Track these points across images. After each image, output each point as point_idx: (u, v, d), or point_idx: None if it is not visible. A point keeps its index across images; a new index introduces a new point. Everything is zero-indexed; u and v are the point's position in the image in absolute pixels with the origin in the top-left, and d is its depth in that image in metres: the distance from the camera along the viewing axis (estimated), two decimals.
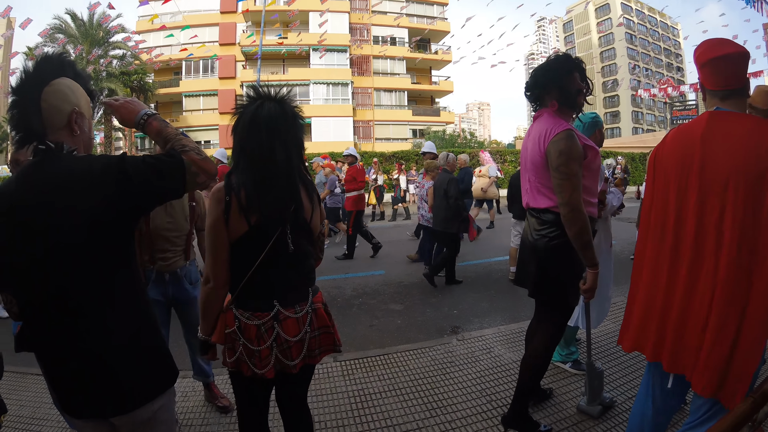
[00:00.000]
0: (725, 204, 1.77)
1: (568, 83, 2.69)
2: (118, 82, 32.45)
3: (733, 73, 1.89)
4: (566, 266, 2.70)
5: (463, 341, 4.57)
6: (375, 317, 5.74)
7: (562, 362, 3.95)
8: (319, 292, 2.13)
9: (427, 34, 41.91)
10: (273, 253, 1.91)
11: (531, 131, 2.80)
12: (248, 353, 1.91)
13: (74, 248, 1.44)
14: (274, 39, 34.12)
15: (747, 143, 1.74)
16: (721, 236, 1.77)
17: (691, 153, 1.91)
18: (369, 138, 39.68)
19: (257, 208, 1.87)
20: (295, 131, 1.97)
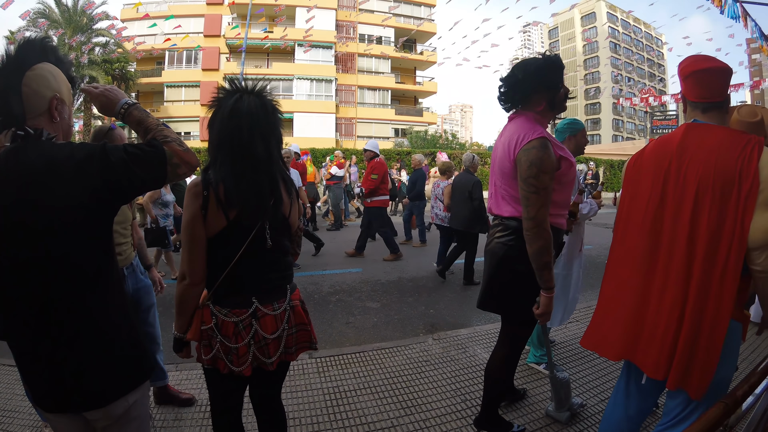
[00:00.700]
0: (697, 212, 1.83)
1: (561, 84, 2.56)
2: (99, 70, 31.85)
3: (715, 86, 1.94)
4: (529, 276, 2.47)
5: (438, 340, 4.58)
6: (351, 314, 5.73)
7: (536, 363, 3.98)
8: (297, 289, 2.12)
9: (413, 35, 41.94)
10: (252, 249, 1.89)
11: (504, 133, 2.61)
12: (225, 350, 1.88)
13: (53, 239, 1.41)
14: (260, 33, 33.88)
15: (717, 154, 1.80)
16: (693, 244, 1.84)
17: (667, 163, 1.96)
18: (351, 135, 39.63)
19: (236, 203, 1.84)
20: (274, 125, 1.96)
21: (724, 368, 1.86)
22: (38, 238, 1.40)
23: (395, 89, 42.64)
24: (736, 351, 1.95)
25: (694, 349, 1.81)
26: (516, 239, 2.51)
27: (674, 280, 1.88)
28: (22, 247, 1.40)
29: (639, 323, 2.00)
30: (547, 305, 2.45)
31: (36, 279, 1.42)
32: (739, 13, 8.52)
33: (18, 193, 1.38)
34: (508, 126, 2.60)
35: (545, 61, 2.52)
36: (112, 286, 1.58)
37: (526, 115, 2.54)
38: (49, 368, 1.46)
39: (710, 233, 1.79)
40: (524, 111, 2.56)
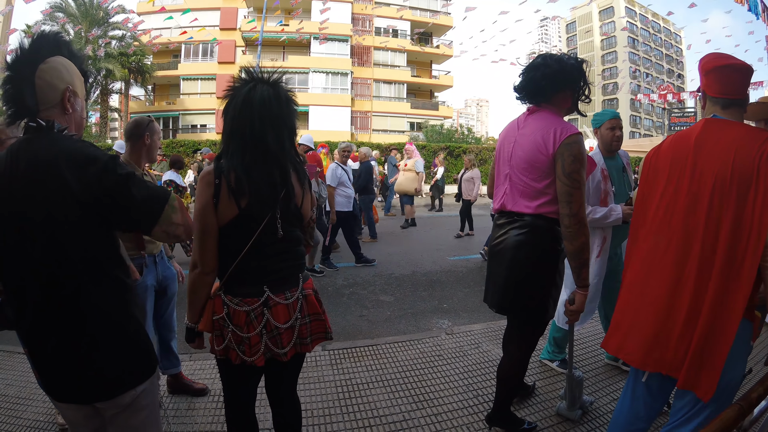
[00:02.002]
0: (714, 209, 1.82)
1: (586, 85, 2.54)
2: (116, 63, 32.18)
3: (736, 83, 1.93)
4: (549, 276, 2.50)
5: (451, 335, 4.58)
6: (365, 307, 5.75)
7: (549, 360, 3.96)
8: (310, 279, 2.10)
9: (429, 28, 41.70)
10: (263, 239, 1.89)
11: (525, 126, 2.54)
12: (237, 340, 1.88)
13: (54, 231, 1.43)
14: (276, 26, 33.88)
15: (735, 150, 1.79)
16: (710, 241, 1.82)
17: (684, 157, 1.95)
18: (366, 129, 39.56)
19: (247, 192, 1.84)
20: (287, 115, 1.94)
21: (733, 369, 1.84)
22: (42, 230, 1.43)
23: (411, 83, 42.43)
24: (745, 352, 1.92)
25: (706, 349, 1.79)
26: (534, 236, 2.46)
27: (691, 278, 1.86)
28: (27, 238, 1.43)
29: (658, 323, 1.95)
30: (582, 302, 2.43)
31: (41, 271, 1.45)
32: (760, 9, 8.38)
33: (26, 185, 1.42)
34: (529, 119, 2.55)
35: (580, 62, 2.51)
36: (117, 281, 1.59)
37: (550, 109, 2.51)
38: (56, 361, 1.49)
39: (728, 230, 1.77)
40: (547, 106, 2.52)
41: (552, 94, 2.50)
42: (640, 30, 76.70)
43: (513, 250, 2.51)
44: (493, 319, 5.07)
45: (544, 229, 2.44)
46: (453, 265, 8.09)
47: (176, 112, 38.47)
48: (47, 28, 29.79)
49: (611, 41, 76.09)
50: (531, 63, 2.56)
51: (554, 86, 2.48)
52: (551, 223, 2.43)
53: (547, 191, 2.41)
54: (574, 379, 3.05)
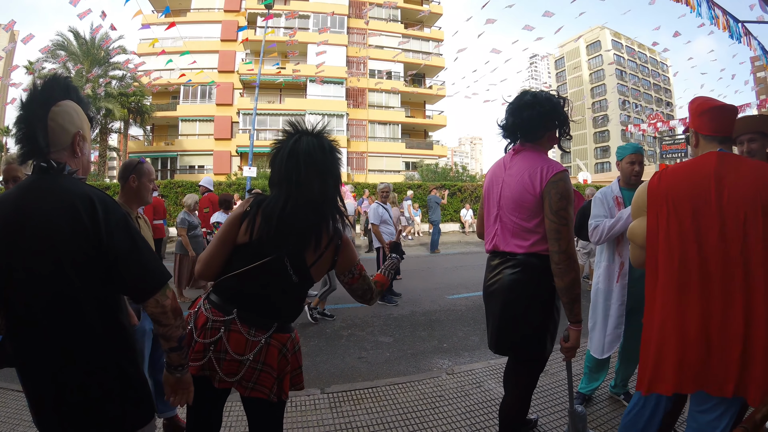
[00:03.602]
0: (747, 233, 1.94)
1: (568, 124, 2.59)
2: (116, 103, 32.61)
3: (727, 122, 2.14)
4: (546, 312, 2.48)
5: (452, 375, 4.52)
6: (364, 349, 5.69)
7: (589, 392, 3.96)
8: (288, 335, 2.05)
9: (422, 69, 42.51)
10: (259, 273, 1.94)
11: (512, 165, 2.55)
12: (189, 340, 1.91)
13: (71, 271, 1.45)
14: (272, 68, 34.51)
15: (756, 179, 1.95)
16: (748, 261, 1.93)
17: (706, 187, 2.04)
18: (362, 169, 39.83)
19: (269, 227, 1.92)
20: (332, 163, 2.03)
21: None
22: (50, 269, 1.44)
23: (405, 123, 42.91)
24: None
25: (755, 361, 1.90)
26: (528, 274, 2.45)
27: (735, 299, 1.95)
28: (35, 277, 1.43)
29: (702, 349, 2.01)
30: (576, 338, 2.42)
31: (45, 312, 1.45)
32: (741, 32, 8.59)
33: (41, 226, 1.43)
34: (516, 159, 2.56)
35: (562, 100, 2.55)
36: (119, 326, 1.61)
37: (536, 148, 2.53)
38: (55, 403, 1.48)
39: (762, 251, 1.90)
40: (532, 145, 2.55)
41: (543, 133, 2.53)
42: (627, 62, 78.66)
43: (507, 289, 2.50)
44: (494, 357, 5.02)
45: (537, 267, 2.43)
46: (452, 304, 8.04)
47: (174, 152, 38.64)
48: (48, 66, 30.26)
49: (599, 74, 78.08)
50: (521, 101, 2.55)
51: (547, 126, 2.52)
52: (544, 261, 2.41)
53: (537, 230, 2.42)
54: (576, 414, 3.00)
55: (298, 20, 38.49)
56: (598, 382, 3.94)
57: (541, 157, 2.47)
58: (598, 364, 3.85)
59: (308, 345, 5.75)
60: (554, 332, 2.54)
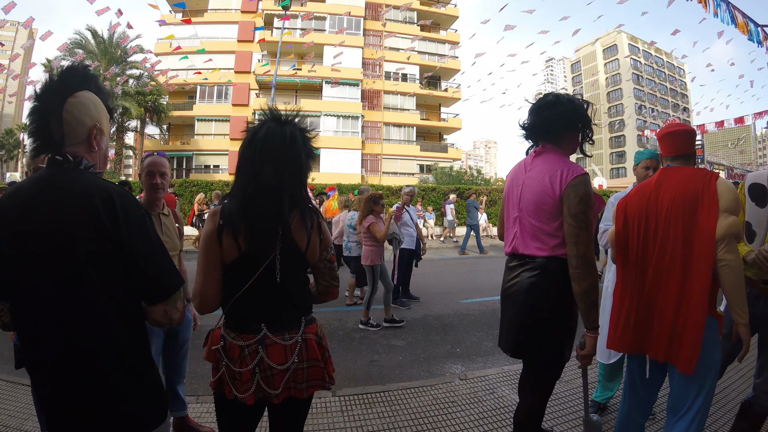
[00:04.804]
0: (677, 228, 2.38)
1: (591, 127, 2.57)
2: (132, 102, 33.03)
3: (679, 144, 2.56)
4: (564, 318, 2.43)
5: (465, 381, 4.47)
6: (376, 352, 5.65)
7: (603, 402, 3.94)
8: (315, 324, 2.06)
9: (437, 72, 42.49)
10: (261, 282, 1.88)
11: (533, 167, 2.53)
12: (230, 374, 1.87)
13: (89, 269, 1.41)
14: (289, 69, 34.67)
15: (685, 182, 2.41)
16: (675, 251, 2.38)
17: (648, 197, 2.52)
18: (376, 171, 39.91)
19: (242, 229, 1.84)
20: (292, 153, 1.91)
21: (710, 353, 2.34)
22: (65, 269, 1.39)
23: (420, 126, 42.97)
24: (716, 342, 2.39)
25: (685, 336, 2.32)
26: (547, 278, 2.41)
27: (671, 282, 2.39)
28: (48, 276, 1.39)
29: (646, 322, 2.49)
30: (593, 345, 2.36)
31: (58, 312, 1.40)
32: (761, 37, 8.49)
33: (56, 220, 1.39)
34: (536, 161, 2.52)
35: (576, 101, 2.52)
36: (138, 326, 1.57)
37: (557, 150, 2.50)
38: (68, 404, 1.44)
39: (686, 239, 2.35)
40: (554, 147, 2.51)
41: (564, 134, 2.50)
42: (644, 66, 78.63)
43: (526, 292, 2.45)
44: (508, 363, 4.97)
45: (556, 271, 2.38)
46: (465, 308, 7.98)
47: (190, 152, 38.97)
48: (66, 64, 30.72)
49: (616, 79, 77.92)
50: (542, 101, 2.54)
51: (568, 126, 2.49)
52: (563, 265, 2.36)
53: (557, 233, 2.38)
54: (592, 423, 2.94)
55: (314, 21, 38.70)
56: (613, 391, 3.89)
57: (562, 159, 2.44)
58: (612, 372, 3.82)
59: None
60: (572, 339, 2.49)
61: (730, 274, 2.23)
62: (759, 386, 2.94)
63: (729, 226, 2.23)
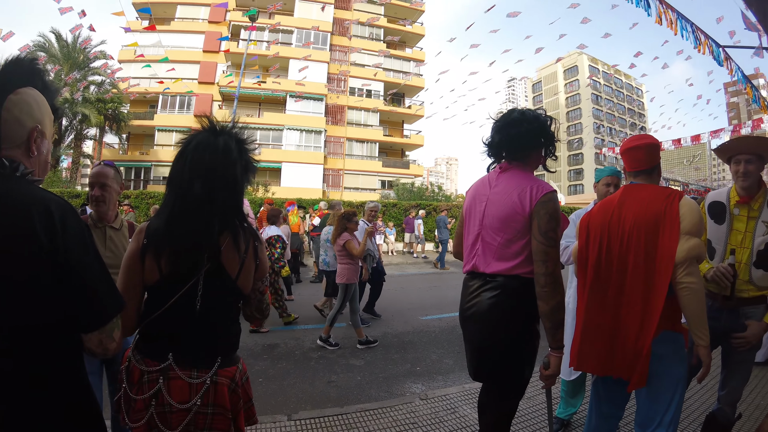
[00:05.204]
0: (639, 248, 2.37)
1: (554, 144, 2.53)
2: (92, 109, 32.01)
3: (640, 159, 2.57)
4: (525, 338, 2.38)
5: (426, 400, 4.38)
6: (334, 372, 5.50)
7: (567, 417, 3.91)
8: (235, 367, 1.84)
9: (402, 89, 42.84)
10: (179, 307, 1.69)
11: (498, 184, 2.47)
12: (126, 399, 1.70)
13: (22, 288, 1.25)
14: (253, 82, 34.37)
15: (648, 202, 2.40)
16: (637, 271, 2.37)
17: (610, 215, 2.51)
18: (338, 187, 39.79)
19: (166, 248, 1.69)
20: (225, 166, 1.76)
21: (676, 368, 2.37)
22: None
23: (383, 142, 43.15)
24: (682, 357, 2.42)
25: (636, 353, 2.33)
26: (508, 297, 2.34)
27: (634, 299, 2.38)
28: None
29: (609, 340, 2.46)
30: (557, 365, 2.32)
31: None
32: (722, 57, 8.81)
33: None
34: (501, 177, 2.48)
35: (550, 119, 2.50)
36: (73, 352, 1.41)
37: (523, 167, 2.46)
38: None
39: (644, 261, 2.35)
40: (519, 163, 2.47)
41: (531, 152, 2.46)
42: (603, 86, 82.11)
43: (486, 313, 2.38)
44: (469, 381, 4.89)
45: (517, 291, 2.33)
46: (425, 325, 7.92)
47: (149, 162, 38.00)
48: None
49: (576, 99, 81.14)
50: (508, 118, 2.50)
51: (534, 144, 2.45)
52: (525, 284, 2.32)
53: (522, 251, 2.32)
54: None
55: (281, 35, 38.58)
56: (576, 407, 3.89)
57: (528, 176, 2.41)
58: (574, 388, 3.82)
59: (276, 368, 5.57)
60: (533, 359, 2.44)
61: (690, 296, 2.22)
62: (723, 398, 3.00)
63: (690, 249, 2.22)
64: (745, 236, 2.86)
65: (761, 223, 2.81)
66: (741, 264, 2.85)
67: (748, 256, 2.84)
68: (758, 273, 2.81)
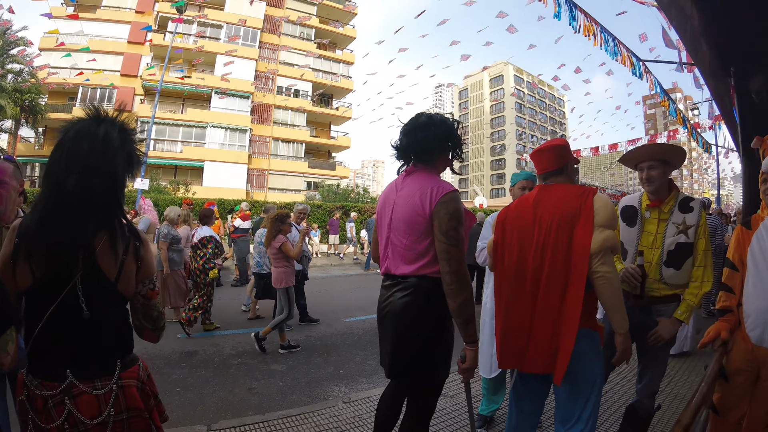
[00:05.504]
0: (557, 245, 2.40)
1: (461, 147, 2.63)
2: (8, 99, 29.75)
3: (548, 161, 2.69)
4: (437, 336, 2.45)
5: (349, 403, 4.37)
6: (255, 379, 5.38)
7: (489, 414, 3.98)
8: (136, 366, 1.76)
9: (330, 90, 42.67)
10: (63, 316, 1.57)
11: (403, 187, 2.54)
12: (37, 430, 1.56)
13: None
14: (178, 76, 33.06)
15: (563, 201, 2.46)
16: (555, 267, 2.40)
17: (527, 212, 2.56)
18: (262, 187, 39.00)
19: (37, 249, 1.56)
20: (104, 157, 1.63)
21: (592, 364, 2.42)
22: None
23: (309, 142, 42.74)
24: (598, 353, 2.47)
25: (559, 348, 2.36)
26: (419, 297, 2.41)
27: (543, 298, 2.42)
28: None
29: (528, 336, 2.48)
30: (473, 359, 2.38)
31: None
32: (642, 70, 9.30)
33: None
34: (406, 181, 2.54)
35: (456, 123, 2.59)
36: None
37: (428, 169, 2.53)
38: None
39: (563, 257, 2.38)
40: (425, 166, 2.54)
41: (437, 155, 2.54)
42: (527, 96, 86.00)
43: (399, 312, 2.44)
44: None
45: (428, 290, 2.39)
46: (349, 327, 7.93)
47: None
48: None
49: (500, 107, 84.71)
50: (415, 122, 2.55)
51: (440, 147, 2.53)
52: (434, 283, 2.38)
53: (427, 251, 2.39)
54: None
55: (210, 29, 37.39)
56: (498, 404, 3.99)
57: (432, 178, 2.47)
58: (495, 385, 3.92)
59: (194, 376, 5.38)
60: (447, 356, 2.51)
61: (606, 285, 2.29)
62: (641, 391, 3.15)
63: (604, 240, 2.29)
64: (656, 237, 3.02)
65: (672, 225, 2.97)
66: (652, 264, 3.00)
67: (658, 256, 2.99)
68: (669, 272, 2.97)
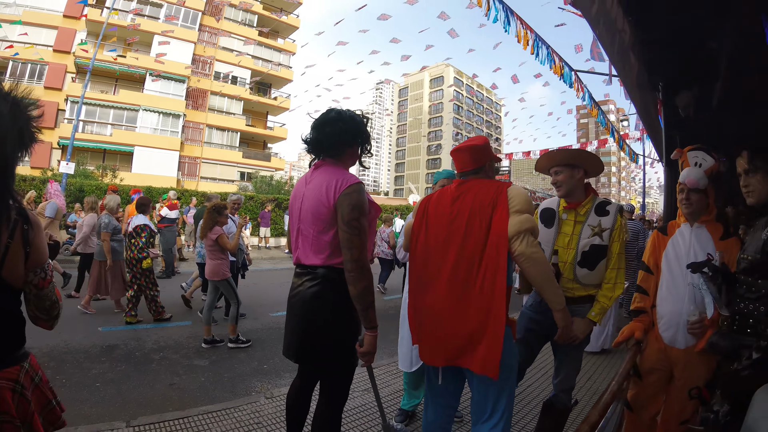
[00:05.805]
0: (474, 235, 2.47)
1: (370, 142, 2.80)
2: None
3: (465, 161, 2.72)
4: (344, 324, 2.56)
5: (271, 399, 4.43)
6: (176, 374, 5.34)
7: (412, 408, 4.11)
8: (18, 367, 1.64)
9: (268, 79, 41.93)
10: None
11: (311, 180, 2.66)
12: None
13: None
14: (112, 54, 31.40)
15: (480, 193, 2.54)
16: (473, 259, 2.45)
17: (448, 205, 2.63)
18: (194, 176, 37.82)
19: None
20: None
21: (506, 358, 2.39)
22: None
23: (245, 132, 41.87)
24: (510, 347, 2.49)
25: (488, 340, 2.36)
26: (326, 287, 2.53)
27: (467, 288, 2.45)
28: None
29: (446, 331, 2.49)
30: (372, 344, 2.50)
31: None
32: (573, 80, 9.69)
33: None
34: (315, 173, 2.66)
35: (366, 119, 2.76)
36: None
37: (335, 163, 2.67)
38: None
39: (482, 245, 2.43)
40: (333, 160, 2.68)
41: (345, 149, 2.69)
42: (465, 98, 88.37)
43: (308, 301, 2.56)
44: None
45: (335, 280, 2.51)
46: (275, 322, 7.95)
47: None
48: None
49: (438, 107, 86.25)
50: (325, 117, 2.69)
51: (349, 142, 2.68)
52: (341, 274, 2.50)
53: (333, 242, 2.51)
54: (390, 429, 3.04)
55: (149, 7, 35.80)
56: (419, 398, 4.11)
57: (338, 171, 2.60)
58: (416, 380, 4.03)
59: (115, 371, 5.29)
60: (352, 345, 2.60)
61: (533, 265, 2.39)
62: (558, 386, 3.30)
63: (521, 223, 2.36)
64: (571, 238, 3.15)
65: (587, 227, 3.12)
66: (566, 264, 3.11)
67: (573, 256, 3.11)
68: (582, 272, 3.08)
